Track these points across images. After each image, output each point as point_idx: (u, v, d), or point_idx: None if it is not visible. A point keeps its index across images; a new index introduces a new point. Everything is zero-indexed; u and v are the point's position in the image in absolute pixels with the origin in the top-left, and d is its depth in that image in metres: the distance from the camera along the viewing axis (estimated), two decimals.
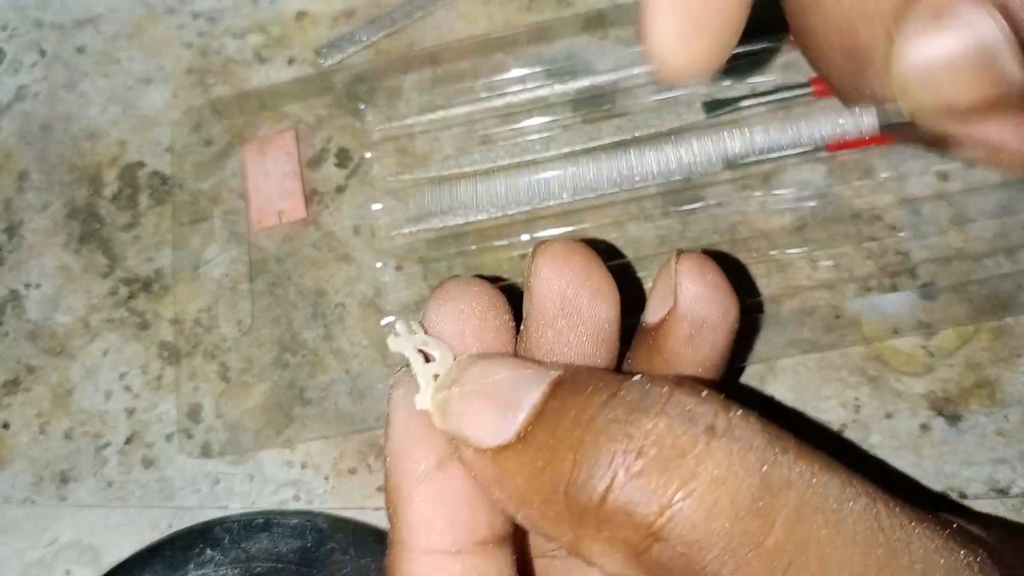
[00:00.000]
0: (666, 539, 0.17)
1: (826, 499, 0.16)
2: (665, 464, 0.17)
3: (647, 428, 0.17)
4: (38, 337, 0.37)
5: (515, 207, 0.35)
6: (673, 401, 0.17)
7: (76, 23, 0.41)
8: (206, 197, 0.37)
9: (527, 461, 0.18)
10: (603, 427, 0.18)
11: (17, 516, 0.35)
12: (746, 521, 0.16)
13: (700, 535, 0.16)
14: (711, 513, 0.16)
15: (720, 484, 0.16)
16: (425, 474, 0.20)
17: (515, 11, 0.38)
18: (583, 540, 0.18)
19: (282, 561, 0.31)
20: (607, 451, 0.17)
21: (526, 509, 0.19)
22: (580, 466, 0.17)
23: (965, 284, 0.32)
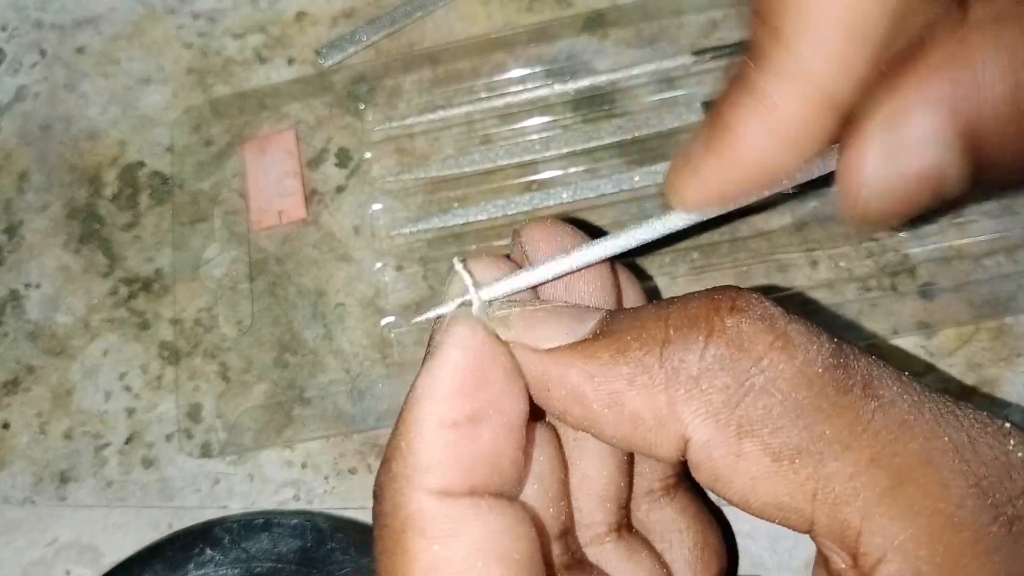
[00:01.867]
0: (761, 393, 0.18)
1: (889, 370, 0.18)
2: (757, 324, 0.18)
3: (734, 296, 0.19)
4: (38, 337, 0.37)
5: (515, 207, 0.35)
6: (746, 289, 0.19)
7: (76, 23, 0.41)
8: (206, 197, 0.37)
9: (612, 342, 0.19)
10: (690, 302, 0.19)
11: (17, 516, 0.35)
12: (833, 371, 0.18)
13: (793, 388, 0.18)
14: (804, 361, 0.18)
15: (807, 339, 0.18)
16: (456, 422, 0.19)
17: (515, 11, 0.38)
18: (675, 404, 0.18)
19: (282, 561, 0.31)
20: (702, 312, 0.19)
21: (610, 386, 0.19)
22: (675, 331, 0.19)
23: (965, 284, 0.32)
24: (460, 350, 0.20)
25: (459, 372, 0.20)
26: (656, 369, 0.18)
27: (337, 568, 0.31)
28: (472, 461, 0.19)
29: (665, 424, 0.18)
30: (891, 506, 0.17)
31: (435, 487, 0.19)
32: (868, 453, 0.17)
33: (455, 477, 0.19)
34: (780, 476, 0.18)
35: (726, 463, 0.18)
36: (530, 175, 0.36)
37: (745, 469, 0.18)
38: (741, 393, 0.18)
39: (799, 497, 0.18)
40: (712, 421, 0.18)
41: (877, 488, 0.17)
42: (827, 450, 0.17)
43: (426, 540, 0.18)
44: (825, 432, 0.17)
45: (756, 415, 0.18)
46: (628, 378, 0.19)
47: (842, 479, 0.17)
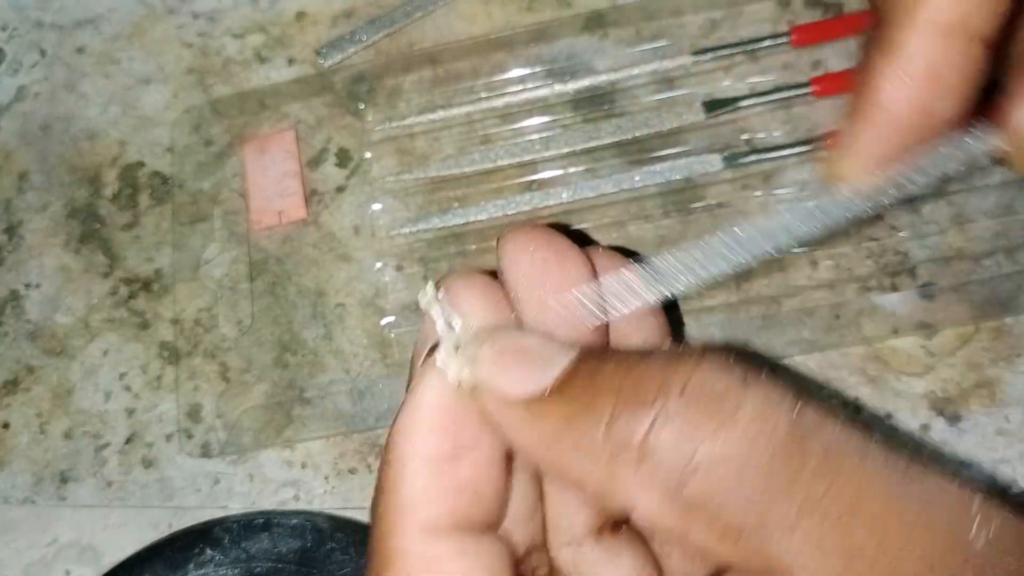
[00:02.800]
0: (708, 473, 0.17)
1: (851, 438, 0.18)
2: (708, 401, 0.18)
3: (688, 373, 0.18)
4: (38, 337, 0.37)
5: (515, 207, 0.35)
6: (707, 357, 0.18)
7: (76, 23, 0.41)
8: (206, 197, 0.37)
9: (564, 405, 0.19)
10: (644, 372, 0.19)
11: (17, 516, 0.35)
12: (784, 457, 0.17)
13: (742, 468, 0.17)
14: (753, 447, 0.17)
15: (760, 421, 0.17)
16: (438, 457, 0.20)
17: (515, 11, 0.38)
18: (619, 479, 0.18)
19: (282, 561, 0.31)
20: (650, 391, 0.18)
21: (557, 452, 0.19)
22: (622, 405, 0.18)
23: (965, 284, 0.32)
24: (434, 393, 0.20)
25: (434, 413, 0.20)
26: (600, 443, 0.18)
27: (337, 568, 0.31)
28: (455, 493, 0.20)
29: (608, 494, 0.19)
30: None
31: (420, 523, 0.19)
32: (816, 533, 0.17)
33: (439, 510, 0.19)
34: (730, 550, 0.18)
35: (669, 536, 0.18)
36: (530, 175, 0.36)
37: (693, 539, 0.18)
38: (687, 473, 0.17)
39: (744, 568, 0.18)
40: (656, 499, 0.18)
41: (826, 566, 0.17)
42: (772, 532, 0.17)
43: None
44: (771, 515, 0.17)
45: (701, 495, 0.17)
46: (573, 447, 0.19)
47: (790, 556, 0.17)
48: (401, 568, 0.19)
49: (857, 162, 0.21)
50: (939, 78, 0.20)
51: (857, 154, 0.21)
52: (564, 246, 0.23)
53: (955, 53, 0.20)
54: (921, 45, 0.20)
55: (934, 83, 0.20)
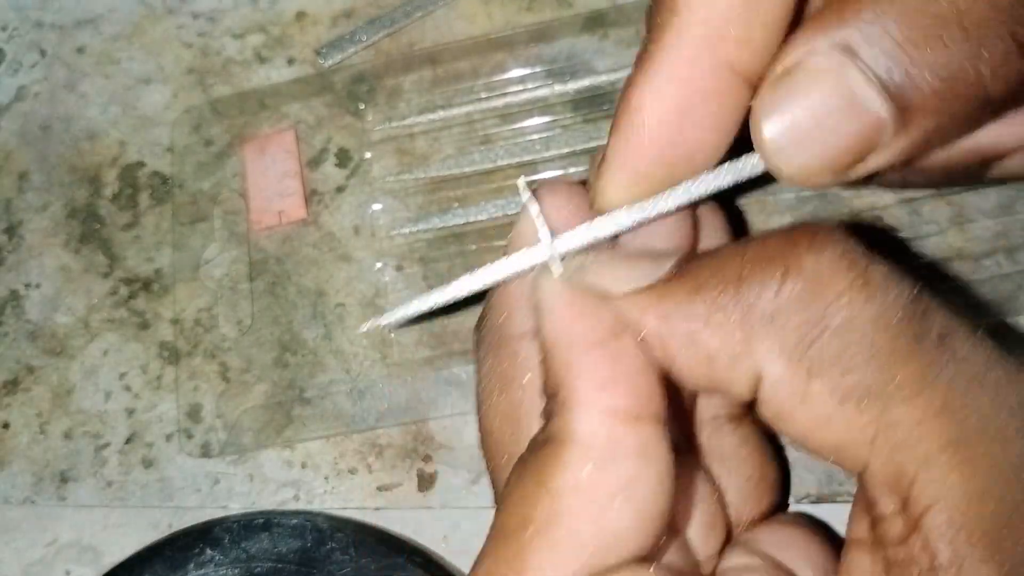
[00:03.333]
0: (837, 332, 0.17)
1: (964, 323, 0.18)
2: (837, 262, 0.18)
3: (814, 232, 0.18)
4: (38, 337, 0.37)
5: (515, 207, 0.35)
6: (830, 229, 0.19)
7: (76, 23, 0.41)
8: (206, 197, 0.37)
9: (688, 281, 0.19)
10: (767, 242, 0.19)
11: (17, 516, 0.35)
12: (911, 319, 0.18)
13: (870, 330, 0.17)
14: (883, 306, 0.17)
15: (888, 283, 0.18)
16: (601, 339, 0.19)
17: (515, 11, 0.38)
18: (749, 341, 0.18)
19: (282, 561, 0.31)
20: (779, 250, 0.18)
21: (687, 327, 0.19)
22: (752, 265, 0.18)
23: (965, 284, 0.32)
24: (560, 295, 0.20)
25: (573, 308, 0.20)
26: (731, 307, 0.18)
27: (337, 568, 0.31)
28: (634, 375, 0.19)
29: (739, 362, 0.18)
30: (952, 457, 0.17)
31: (605, 407, 0.19)
32: (936, 403, 0.17)
33: (624, 394, 0.19)
34: (843, 419, 0.18)
35: (791, 402, 0.18)
36: (530, 175, 0.36)
37: (809, 409, 0.18)
38: (816, 332, 0.18)
39: (858, 441, 0.18)
40: (785, 359, 0.18)
41: (941, 438, 0.17)
42: (895, 395, 0.17)
43: (584, 459, 0.18)
44: (896, 377, 0.17)
45: (828, 355, 0.18)
46: (703, 317, 0.19)
47: (906, 425, 0.17)
48: (587, 445, 0.18)
49: (614, 182, 0.21)
50: (689, 102, 0.20)
51: (613, 173, 0.21)
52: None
53: (707, 81, 0.20)
54: (673, 64, 0.20)
55: (684, 105, 0.20)
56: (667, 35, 0.20)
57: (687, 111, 0.20)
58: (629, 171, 0.21)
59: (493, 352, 0.23)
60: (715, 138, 0.21)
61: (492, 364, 0.23)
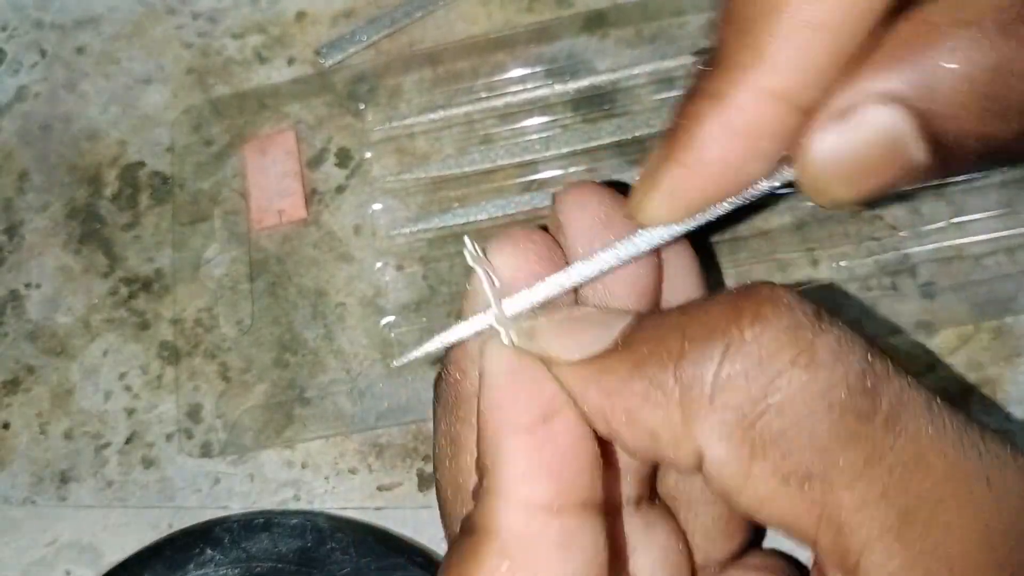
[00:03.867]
0: (780, 411, 0.17)
1: (918, 392, 0.18)
2: (784, 330, 0.17)
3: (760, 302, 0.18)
4: (38, 337, 0.37)
5: (515, 207, 0.35)
6: (778, 288, 0.18)
7: (76, 23, 0.41)
8: (206, 197, 0.37)
9: (629, 356, 0.19)
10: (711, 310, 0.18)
11: (17, 516, 0.35)
12: (857, 397, 0.17)
13: (814, 408, 0.17)
14: (828, 383, 0.17)
15: (835, 358, 0.17)
16: (529, 425, 0.19)
17: (515, 11, 0.38)
18: (690, 420, 0.18)
19: (282, 561, 0.31)
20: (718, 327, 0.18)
21: (626, 404, 0.19)
22: (691, 343, 0.18)
23: (965, 284, 0.32)
24: (503, 364, 0.20)
25: (511, 382, 0.20)
26: (670, 386, 0.18)
27: (337, 568, 0.31)
28: (558, 463, 0.19)
29: (680, 441, 0.18)
30: (893, 543, 0.17)
31: (525, 499, 0.19)
32: (879, 487, 0.17)
33: (545, 485, 0.19)
34: (787, 498, 0.17)
35: (735, 482, 0.18)
36: (530, 175, 0.36)
37: (754, 489, 0.18)
38: (757, 412, 0.17)
39: (804, 519, 0.17)
40: (725, 441, 0.18)
41: (883, 523, 0.17)
42: (838, 479, 0.17)
43: (502, 555, 0.18)
44: (838, 461, 0.17)
45: (770, 436, 0.17)
46: (642, 395, 0.18)
47: (849, 509, 0.17)
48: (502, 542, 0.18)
49: (661, 202, 0.21)
50: (756, 140, 0.20)
51: (661, 194, 0.21)
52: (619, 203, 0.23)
53: (776, 120, 0.20)
54: (746, 104, 0.20)
55: (750, 143, 0.20)
56: (737, 62, 0.20)
57: (752, 152, 0.20)
58: (678, 197, 0.21)
59: (447, 413, 0.23)
60: (767, 169, 0.21)
61: (445, 426, 0.23)
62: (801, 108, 0.20)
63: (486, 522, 0.19)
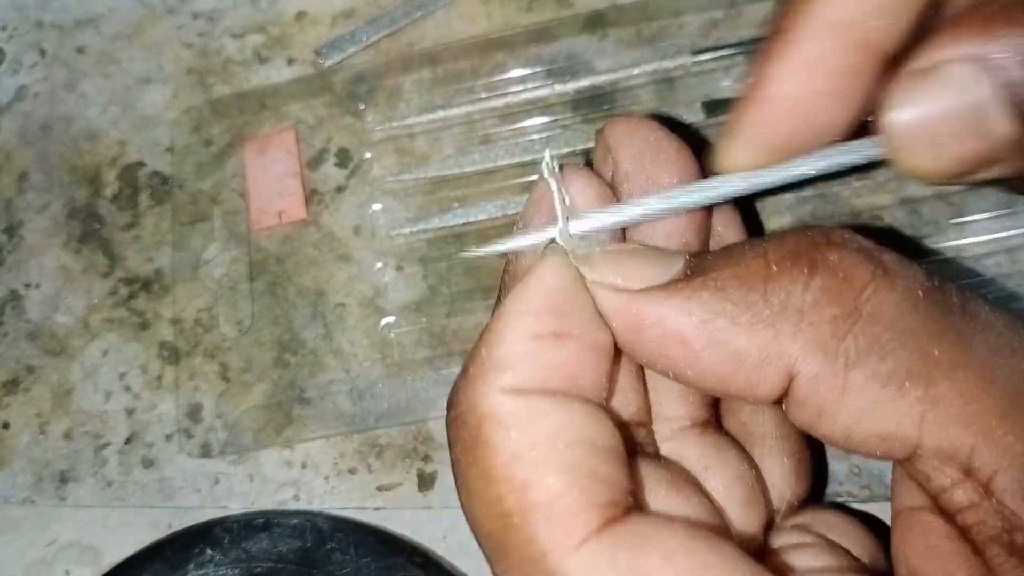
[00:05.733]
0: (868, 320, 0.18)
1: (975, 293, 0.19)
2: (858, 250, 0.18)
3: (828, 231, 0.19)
4: (38, 337, 0.37)
5: (515, 207, 0.35)
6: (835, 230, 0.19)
7: (76, 23, 0.41)
8: (206, 197, 0.37)
9: (709, 280, 0.19)
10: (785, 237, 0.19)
11: (17, 516, 0.35)
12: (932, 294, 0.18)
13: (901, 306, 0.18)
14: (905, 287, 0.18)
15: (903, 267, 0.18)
16: (540, 334, 0.19)
17: (515, 11, 0.38)
18: (784, 338, 0.18)
19: (282, 561, 0.31)
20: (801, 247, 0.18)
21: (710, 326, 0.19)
22: (777, 263, 0.18)
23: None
24: (553, 276, 0.20)
25: (551, 293, 0.20)
26: (761, 305, 0.18)
27: (337, 568, 0.31)
28: (551, 368, 0.19)
29: (770, 361, 0.18)
30: (1004, 424, 0.17)
31: (509, 385, 0.19)
32: (977, 371, 0.17)
33: (531, 378, 0.19)
34: (888, 403, 0.18)
35: (832, 396, 0.18)
36: (530, 175, 0.36)
37: (852, 401, 0.18)
38: (849, 323, 0.18)
39: (906, 423, 0.18)
40: (820, 354, 0.18)
41: (991, 405, 0.17)
42: (936, 370, 0.17)
43: (504, 429, 0.18)
44: (934, 352, 0.17)
45: (864, 344, 0.18)
46: (732, 315, 0.18)
47: (953, 398, 0.17)
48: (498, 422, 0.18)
49: (741, 146, 0.21)
50: (824, 76, 0.20)
51: (741, 141, 0.21)
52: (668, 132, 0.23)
53: (844, 56, 0.20)
54: (810, 39, 0.20)
55: (818, 79, 0.20)
56: (804, 11, 0.20)
57: (823, 88, 0.20)
58: (756, 140, 0.21)
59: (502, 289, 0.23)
60: (844, 114, 0.21)
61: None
62: (871, 47, 0.20)
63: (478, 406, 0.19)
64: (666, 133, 0.23)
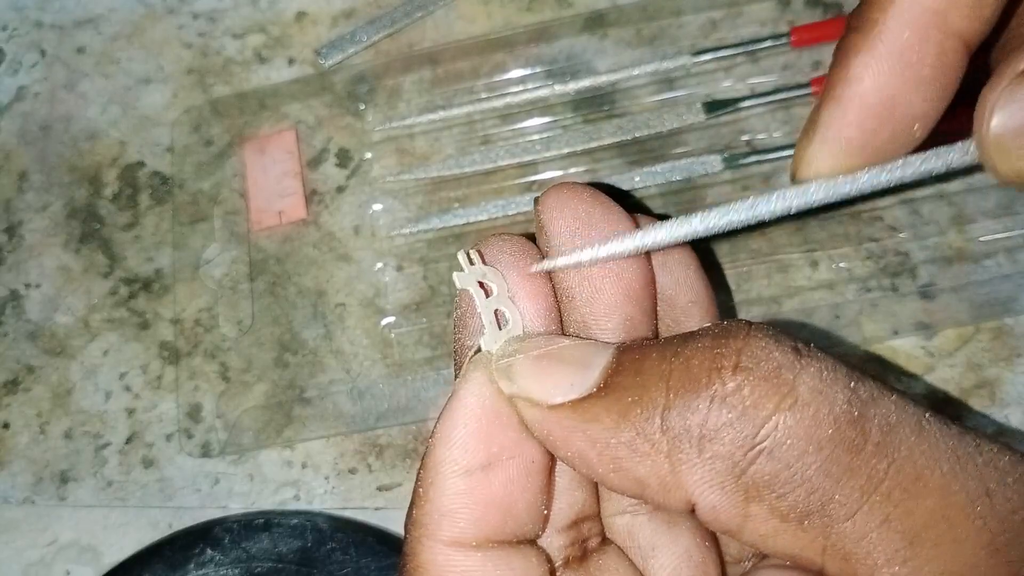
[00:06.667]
0: (770, 454, 0.17)
1: (906, 410, 0.17)
2: (765, 377, 0.17)
3: (738, 349, 0.18)
4: (38, 337, 0.37)
5: (515, 207, 0.35)
6: (755, 330, 0.18)
7: (76, 23, 0.41)
8: (206, 197, 0.37)
9: (613, 404, 0.18)
10: (692, 355, 0.18)
11: (17, 516, 0.35)
12: (845, 429, 0.17)
13: (805, 444, 0.17)
14: (814, 421, 0.17)
15: (818, 395, 0.17)
16: (469, 468, 0.19)
17: (515, 11, 0.38)
18: (679, 471, 0.18)
19: (282, 561, 0.31)
20: (701, 374, 0.18)
21: (611, 454, 0.18)
22: (675, 392, 0.18)
23: (965, 285, 0.32)
24: (475, 397, 0.20)
25: (473, 419, 0.20)
26: (658, 436, 0.18)
27: (337, 568, 0.31)
28: (486, 508, 0.19)
29: (669, 490, 0.18)
30: (903, 566, 0.17)
31: (447, 537, 0.19)
32: (879, 514, 0.17)
33: (468, 526, 0.19)
34: (789, 534, 0.17)
35: (734, 523, 0.18)
36: (530, 175, 0.36)
37: (753, 528, 0.18)
38: (747, 460, 0.17)
39: (809, 551, 0.17)
40: (717, 488, 0.17)
41: (889, 548, 0.17)
42: (837, 512, 0.17)
43: None
44: (835, 496, 0.17)
45: (763, 479, 0.17)
46: (629, 445, 0.18)
47: (853, 539, 0.17)
48: None
49: (822, 148, 0.20)
50: (911, 67, 0.19)
51: (823, 137, 0.20)
52: (606, 201, 0.22)
53: (931, 45, 0.19)
54: (896, 29, 0.19)
55: (905, 71, 0.19)
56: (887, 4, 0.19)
57: (908, 80, 0.19)
58: (839, 141, 0.20)
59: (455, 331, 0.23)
60: (930, 110, 0.20)
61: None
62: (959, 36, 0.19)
63: (415, 553, 0.19)
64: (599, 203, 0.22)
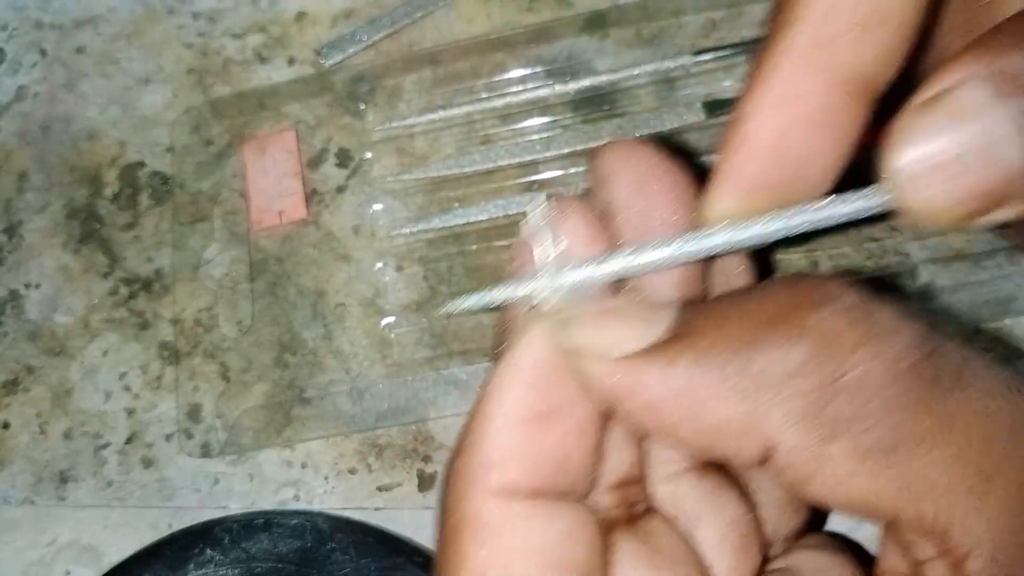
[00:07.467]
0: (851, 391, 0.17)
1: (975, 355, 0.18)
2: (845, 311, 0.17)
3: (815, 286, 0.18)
4: (38, 337, 0.37)
5: (515, 207, 0.35)
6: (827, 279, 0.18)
7: (76, 23, 0.41)
8: (206, 197, 0.37)
9: (687, 348, 0.18)
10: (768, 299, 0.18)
11: (17, 516, 0.35)
12: (922, 363, 0.17)
13: (886, 377, 0.17)
14: (894, 354, 0.17)
15: (896, 329, 0.17)
16: (528, 418, 0.19)
17: (515, 11, 0.38)
18: (761, 411, 0.17)
19: (282, 561, 0.31)
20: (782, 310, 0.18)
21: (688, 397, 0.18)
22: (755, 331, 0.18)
23: (965, 285, 0.32)
24: (534, 350, 0.19)
25: (530, 373, 0.19)
26: (740, 376, 0.17)
27: (337, 568, 0.31)
28: (540, 460, 0.19)
29: (749, 432, 0.18)
30: (978, 503, 0.17)
31: (496, 486, 0.18)
32: (955, 449, 0.17)
33: (519, 476, 0.18)
34: (866, 475, 0.17)
35: (810, 468, 0.17)
36: (530, 175, 0.36)
37: (830, 472, 0.17)
38: (829, 395, 0.17)
39: (884, 495, 0.17)
40: (800, 426, 0.17)
41: (964, 485, 0.17)
42: (915, 447, 0.17)
43: (477, 543, 0.18)
44: (914, 429, 0.17)
45: (845, 415, 0.17)
46: (711, 386, 0.18)
47: (929, 475, 0.17)
48: (473, 532, 0.18)
49: (721, 191, 0.20)
50: (803, 117, 0.19)
51: (721, 182, 0.20)
52: (666, 158, 0.22)
53: (824, 95, 0.19)
54: (787, 78, 0.19)
55: (789, 109, 0.19)
56: (780, 43, 0.19)
57: (796, 125, 0.19)
58: (736, 184, 0.20)
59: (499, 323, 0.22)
60: (826, 157, 0.20)
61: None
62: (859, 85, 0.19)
63: (457, 506, 0.19)
64: (661, 160, 0.22)
